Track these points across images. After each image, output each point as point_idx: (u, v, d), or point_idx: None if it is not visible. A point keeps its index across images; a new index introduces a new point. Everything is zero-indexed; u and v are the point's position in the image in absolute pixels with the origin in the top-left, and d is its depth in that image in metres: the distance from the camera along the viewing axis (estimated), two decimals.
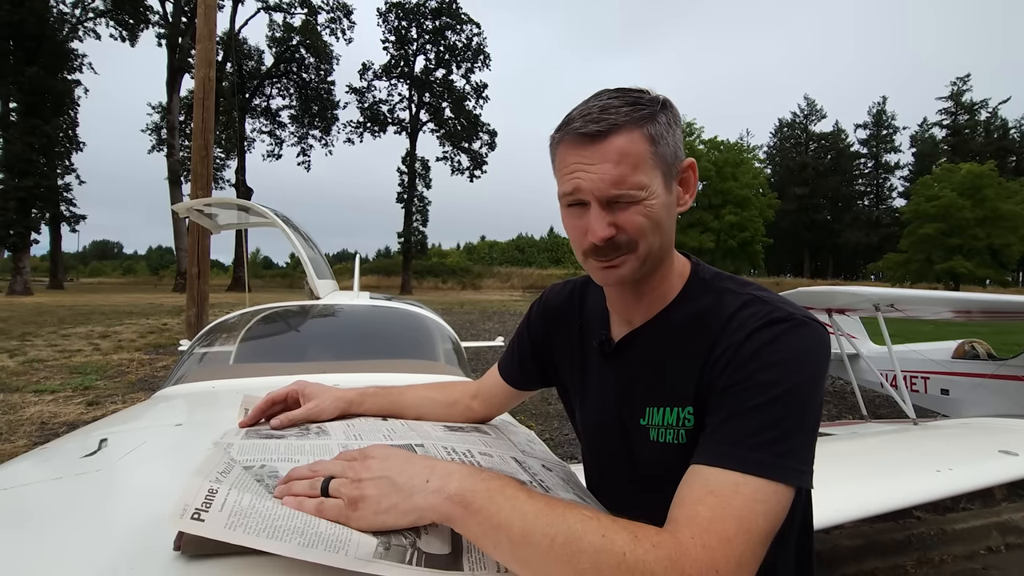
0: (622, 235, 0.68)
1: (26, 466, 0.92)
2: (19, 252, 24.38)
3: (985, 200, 30.40)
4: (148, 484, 0.72)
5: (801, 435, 0.60)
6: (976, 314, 5.20)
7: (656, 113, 0.67)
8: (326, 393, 0.92)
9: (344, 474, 0.59)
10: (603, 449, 0.84)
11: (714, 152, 37.85)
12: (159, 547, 0.53)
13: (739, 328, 0.65)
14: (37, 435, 4.37)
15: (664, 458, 0.71)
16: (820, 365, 0.64)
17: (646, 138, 0.66)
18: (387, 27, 35.94)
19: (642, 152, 0.66)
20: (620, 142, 0.65)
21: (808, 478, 0.60)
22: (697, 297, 0.74)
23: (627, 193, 0.66)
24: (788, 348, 0.62)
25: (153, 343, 9.65)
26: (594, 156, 0.66)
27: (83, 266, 73.77)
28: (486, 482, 0.56)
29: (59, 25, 27.42)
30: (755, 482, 0.56)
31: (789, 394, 0.60)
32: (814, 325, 0.65)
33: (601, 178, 0.65)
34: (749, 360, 0.63)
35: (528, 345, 0.95)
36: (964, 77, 49.50)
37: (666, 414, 0.71)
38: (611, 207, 0.67)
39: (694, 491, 0.57)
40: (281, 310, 2.36)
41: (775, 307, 0.67)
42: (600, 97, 0.69)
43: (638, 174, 0.66)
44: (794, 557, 0.74)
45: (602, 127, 0.65)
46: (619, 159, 0.65)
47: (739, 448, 0.58)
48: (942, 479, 1.91)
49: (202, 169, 7.11)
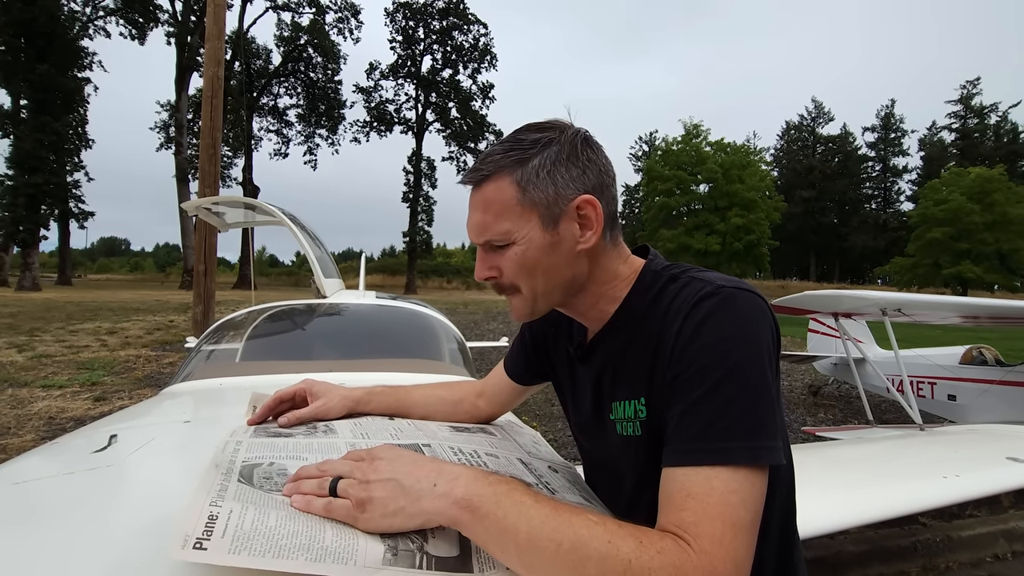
0: (504, 278, 0.73)
1: (37, 461, 0.93)
2: (28, 248, 24.59)
3: (994, 204, 30.11)
4: (158, 480, 0.72)
5: (757, 411, 0.59)
6: (984, 319, 5.17)
7: (530, 157, 0.68)
8: (333, 392, 0.93)
9: (352, 475, 0.59)
10: (590, 448, 0.87)
11: (720, 154, 37.68)
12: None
13: (676, 313, 0.66)
14: (45, 430, 4.41)
15: (630, 452, 0.73)
16: (756, 333, 0.62)
17: (514, 184, 0.68)
18: (394, 27, 36.08)
19: (507, 199, 0.69)
20: (488, 191, 0.70)
21: (777, 453, 0.59)
22: (646, 291, 0.74)
23: (493, 240, 0.70)
24: (720, 324, 0.62)
25: (160, 340, 9.70)
26: (471, 204, 0.72)
27: (91, 262, 74.37)
28: (493, 486, 0.56)
29: (70, 23, 27.61)
30: (724, 473, 0.56)
31: (732, 373, 0.59)
32: (744, 293, 0.65)
33: (473, 226, 0.72)
34: (688, 345, 0.63)
35: (530, 342, 0.97)
36: (974, 80, 49.00)
37: (626, 407, 0.72)
38: (490, 251, 0.72)
39: (673, 497, 0.57)
40: (287, 308, 2.37)
41: (706, 283, 0.66)
42: (500, 139, 0.73)
43: (501, 221, 0.69)
44: (777, 541, 0.71)
45: (474, 178, 0.71)
46: (485, 208, 0.70)
47: (699, 442, 0.58)
48: (949, 486, 1.90)
49: (210, 167, 7.15)
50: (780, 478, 0.70)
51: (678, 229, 35.92)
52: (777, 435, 0.60)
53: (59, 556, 0.53)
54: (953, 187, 31.71)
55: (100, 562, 0.52)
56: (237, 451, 0.71)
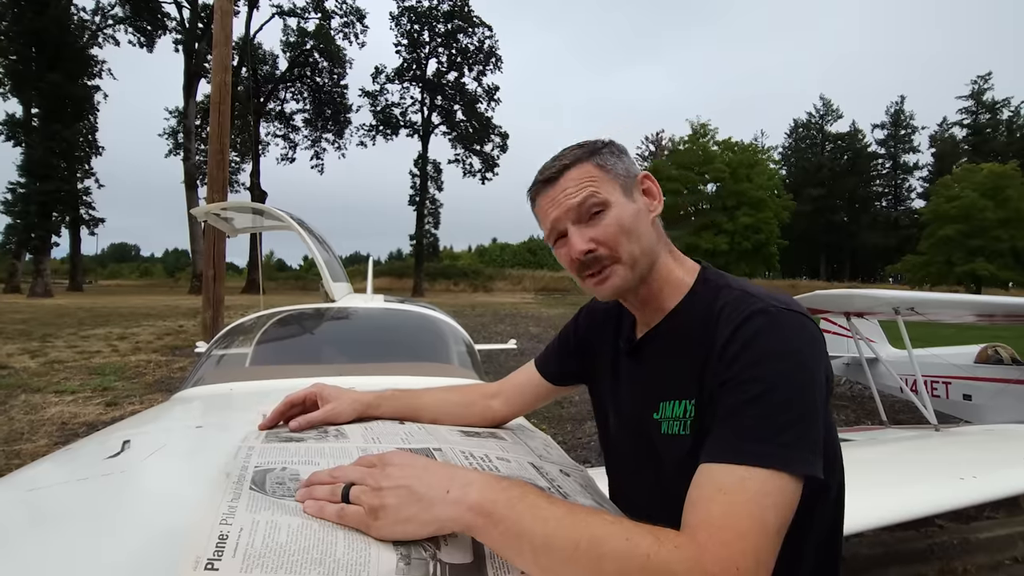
0: (602, 248, 0.76)
1: (50, 467, 0.93)
2: (40, 255, 24.96)
3: (1007, 200, 29.75)
4: (171, 486, 0.72)
5: (800, 425, 0.61)
6: (1000, 318, 5.09)
7: (599, 148, 0.79)
8: (343, 396, 0.93)
9: (364, 481, 0.59)
10: (630, 449, 0.86)
11: (728, 153, 37.53)
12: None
13: (727, 324, 0.69)
14: (58, 435, 4.46)
15: (673, 450, 0.74)
16: (804, 352, 0.65)
17: (595, 166, 0.78)
18: (399, 30, 36.14)
19: (594, 174, 0.77)
20: (573, 174, 0.78)
21: (814, 467, 0.60)
22: (701, 296, 0.78)
23: (591, 207, 0.76)
24: (770, 339, 0.65)
25: (170, 344, 9.79)
26: (556, 190, 0.78)
27: (102, 268, 75.18)
28: (506, 490, 0.56)
29: (79, 32, 28.03)
30: (761, 474, 0.57)
31: (778, 386, 0.62)
32: (794, 313, 0.68)
33: (566, 202, 0.77)
34: (738, 355, 0.65)
35: (573, 343, 1.00)
36: (985, 75, 48.54)
37: (675, 407, 0.74)
38: (584, 225, 0.77)
39: (704, 491, 0.58)
40: (297, 312, 2.37)
41: (757, 299, 0.70)
42: (556, 154, 0.82)
43: (595, 189, 0.76)
44: (814, 558, 0.72)
45: (556, 168, 0.79)
46: (576, 184, 0.77)
47: (738, 442, 0.60)
48: (966, 488, 1.87)
49: (218, 173, 7.20)
50: (821, 496, 0.70)
51: (686, 229, 35.76)
52: (817, 450, 0.61)
53: (73, 564, 0.53)
54: (965, 183, 31.38)
55: (115, 570, 0.51)
56: (249, 456, 0.71)
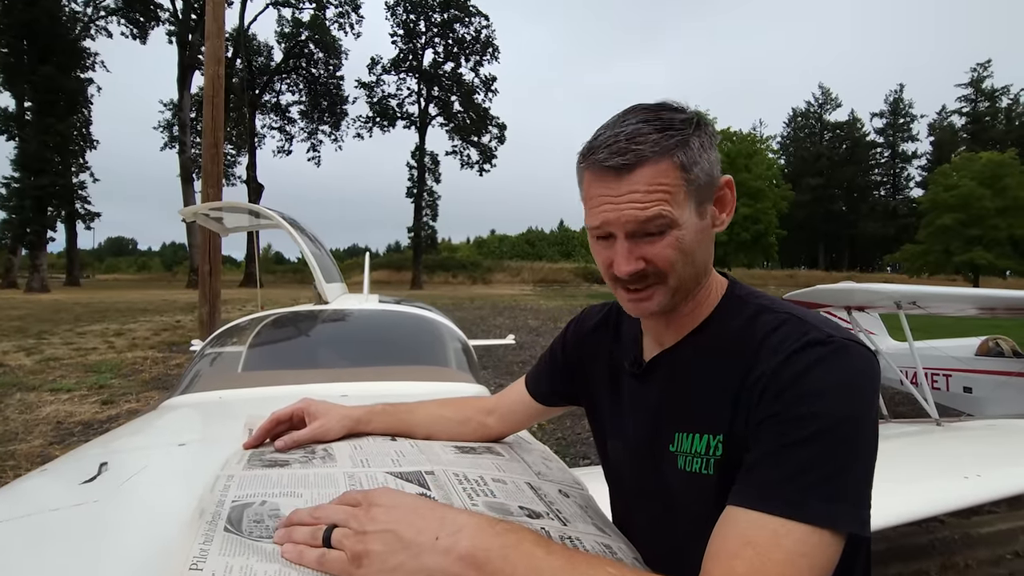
0: (651, 267, 0.64)
1: (20, 495, 0.89)
2: (36, 250, 24.81)
3: (1006, 189, 29.64)
4: (143, 523, 0.68)
5: (852, 474, 0.53)
6: (1001, 311, 5.06)
7: (689, 138, 0.62)
8: (332, 412, 0.89)
9: (347, 524, 0.55)
10: (635, 477, 0.77)
11: (726, 143, 37.32)
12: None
13: (774, 352, 0.60)
14: (53, 435, 4.43)
15: (692, 489, 0.65)
16: (869, 393, 0.57)
17: (677, 167, 0.62)
18: (395, 20, 35.83)
19: (672, 183, 0.62)
20: (648, 174, 0.61)
21: (864, 525, 0.53)
22: (731, 317, 0.68)
23: (655, 226, 0.62)
24: (831, 374, 0.56)
25: (167, 340, 9.75)
26: (621, 188, 0.62)
27: (99, 263, 74.83)
28: (500, 536, 0.52)
29: (71, 24, 27.68)
30: (799, 530, 0.50)
31: (835, 428, 0.54)
32: (859, 347, 0.59)
33: (628, 213, 0.62)
34: (787, 388, 0.57)
35: (561, 361, 0.92)
36: (985, 63, 48.29)
37: (695, 441, 0.65)
38: (639, 240, 0.64)
39: (729, 542, 0.52)
40: (289, 315, 2.33)
41: (813, 327, 0.61)
42: (629, 120, 0.64)
43: (667, 207, 0.61)
44: None
45: (628, 160, 0.61)
46: (646, 192, 0.61)
47: (780, 489, 0.52)
48: (971, 486, 1.84)
49: (212, 166, 7.13)
50: (861, 548, 0.64)
51: None
52: (868, 503, 0.54)
53: None
54: (964, 172, 31.26)
55: None
56: (227, 489, 0.68)
